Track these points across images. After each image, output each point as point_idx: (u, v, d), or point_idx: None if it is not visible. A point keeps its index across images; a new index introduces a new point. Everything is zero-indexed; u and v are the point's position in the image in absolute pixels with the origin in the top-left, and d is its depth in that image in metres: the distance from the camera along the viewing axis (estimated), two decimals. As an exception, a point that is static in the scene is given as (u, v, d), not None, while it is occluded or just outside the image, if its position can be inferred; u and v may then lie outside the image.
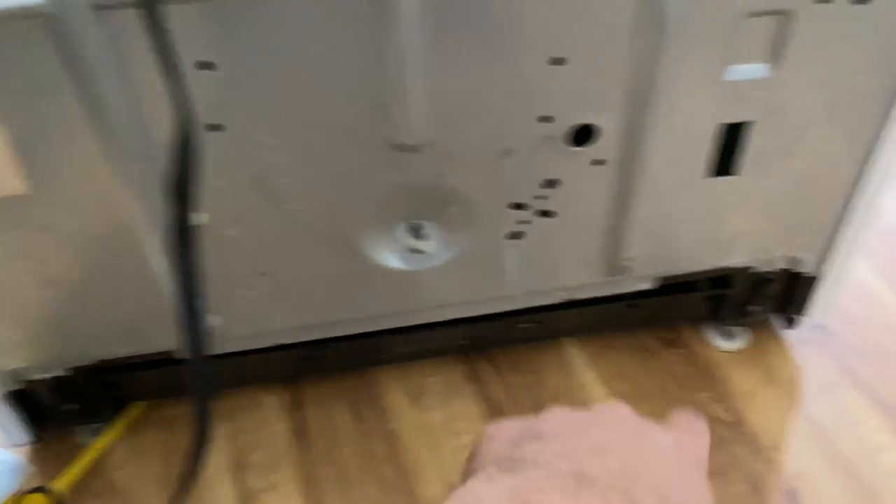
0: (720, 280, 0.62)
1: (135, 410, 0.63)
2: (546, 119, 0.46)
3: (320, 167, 0.46)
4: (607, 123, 0.47)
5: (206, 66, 0.40)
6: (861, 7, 0.43)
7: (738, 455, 0.59)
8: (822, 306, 0.62)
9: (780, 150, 0.50)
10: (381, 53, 0.41)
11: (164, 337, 0.54)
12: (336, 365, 0.64)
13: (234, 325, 0.54)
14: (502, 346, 0.67)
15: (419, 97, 0.43)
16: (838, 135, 0.49)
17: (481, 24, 0.41)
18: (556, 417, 0.37)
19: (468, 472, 0.36)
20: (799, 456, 0.59)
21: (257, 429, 0.62)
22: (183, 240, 0.38)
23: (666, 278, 0.59)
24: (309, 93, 0.42)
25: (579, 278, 0.57)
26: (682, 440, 0.36)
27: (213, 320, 0.53)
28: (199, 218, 0.46)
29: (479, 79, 0.43)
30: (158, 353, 0.55)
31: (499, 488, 0.31)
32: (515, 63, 0.43)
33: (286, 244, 0.50)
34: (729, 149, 0.50)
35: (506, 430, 0.38)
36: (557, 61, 0.43)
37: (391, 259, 0.52)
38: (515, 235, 0.52)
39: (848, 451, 0.60)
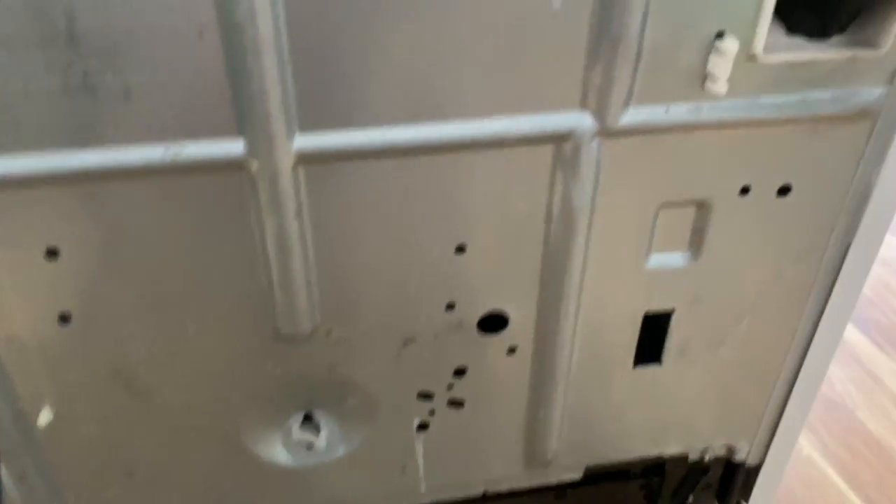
0: (655, 468, 0.56)
1: None
2: (450, 307, 0.41)
3: (192, 358, 0.40)
4: (517, 311, 0.43)
5: (51, 253, 0.35)
6: (783, 199, 0.41)
7: None
8: (763, 493, 0.57)
9: (707, 338, 0.46)
10: (258, 237, 0.36)
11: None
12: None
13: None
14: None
15: (303, 284, 0.38)
16: (767, 323, 0.46)
17: (373, 207, 0.37)
18: None
19: None
20: None
21: None
22: None
23: (595, 467, 0.54)
24: (173, 280, 0.37)
25: (497, 470, 0.51)
26: None
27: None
28: (44, 416, 0.39)
29: (374, 265, 0.39)
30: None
31: None
32: (416, 249, 0.39)
33: (156, 441, 0.43)
34: (654, 337, 0.46)
35: None
36: (461, 249, 0.39)
37: (280, 454, 0.46)
38: (422, 426, 0.47)
39: None
